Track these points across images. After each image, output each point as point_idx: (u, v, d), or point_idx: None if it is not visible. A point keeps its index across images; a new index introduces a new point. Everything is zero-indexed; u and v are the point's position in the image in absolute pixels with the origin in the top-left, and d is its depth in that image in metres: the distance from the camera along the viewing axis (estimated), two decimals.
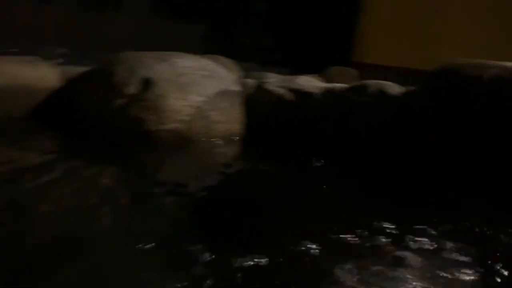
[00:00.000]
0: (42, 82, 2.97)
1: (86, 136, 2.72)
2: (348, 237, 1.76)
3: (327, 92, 2.76)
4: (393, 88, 2.73)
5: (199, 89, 2.84)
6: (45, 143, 2.67)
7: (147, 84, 2.76)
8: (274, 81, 2.94)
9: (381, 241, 1.75)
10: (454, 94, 2.49)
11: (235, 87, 2.98)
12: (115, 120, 2.74)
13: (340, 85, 2.78)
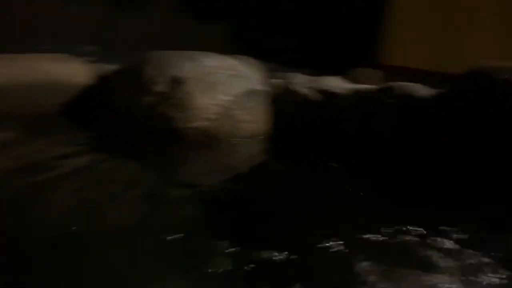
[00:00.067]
0: (73, 79, 3.05)
1: (115, 133, 2.78)
2: (371, 237, 1.75)
3: (354, 93, 2.76)
4: (421, 90, 2.71)
5: (226, 88, 2.87)
6: (74, 138, 2.73)
7: (175, 82, 2.80)
8: (300, 81, 2.95)
9: (405, 241, 1.74)
10: (484, 97, 2.46)
11: (261, 87, 3.00)
12: (143, 118, 2.79)
13: (367, 86, 2.78)
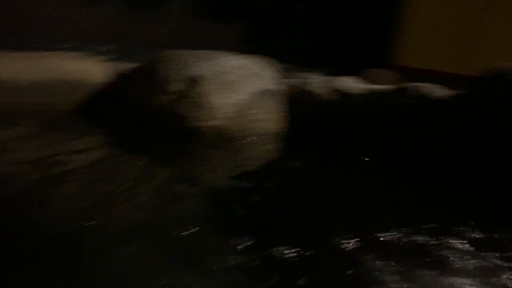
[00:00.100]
0: (89, 77, 3.08)
1: (130, 130, 2.80)
2: (386, 235, 1.75)
3: (369, 93, 2.76)
4: (438, 91, 2.70)
5: (241, 87, 2.88)
6: (90, 135, 2.77)
7: (191, 81, 2.82)
8: (315, 81, 2.95)
9: (420, 240, 1.74)
10: (502, 98, 2.45)
11: (277, 87, 3.01)
12: (159, 116, 2.81)
13: (383, 87, 2.77)
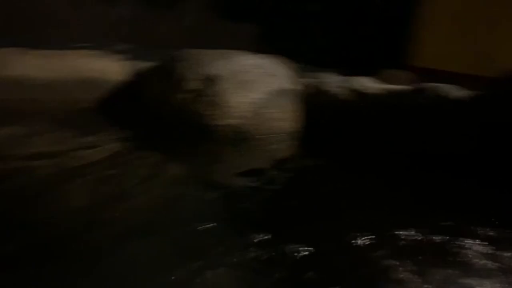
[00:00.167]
0: (108, 75, 3.12)
1: (147, 127, 2.83)
2: (403, 234, 1.75)
3: (386, 93, 2.74)
4: (455, 92, 2.68)
5: (258, 86, 2.89)
6: (108, 131, 2.77)
7: (208, 80, 2.83)
8: (332, 80, 2.95)
9: (438, 240, 1.73)
10: None
11: (293, 86, 3.01)
12: (176, 114, 2.83)
13: (401, 87, 2.76)
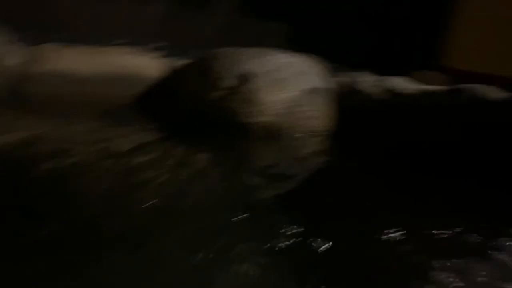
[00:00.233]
0: (146, 72, 3.19)
1: (182, 124, 2.89)
2: (440, 233, 1.74)
3: (422, 93, 2.72)
4: (492, 93, 2.63)
5: (291, 85, 2.91)
6: (146, 126, 2.83)
7: (243, 78, 2.88)
8: (367, 80, 2.95)
9: (474, 240, 1.72)
10: None
11: (326, 85, 3.02)
12: (210, 111, 2.89)
13: (437, 87, 2.73)
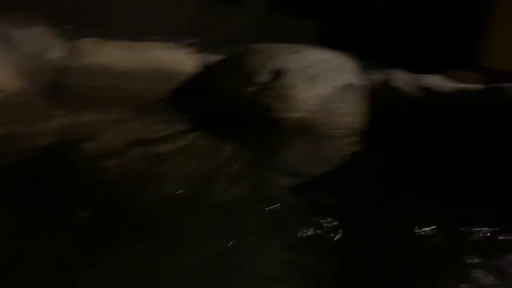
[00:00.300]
0: (182, 67, 3.25)
1: (217, 119, 2.94)
2: (477, 231, 1.74)
3: (458, 92, 2.69)
4: None
5: (325, 81, 2.93)
6: (180, 121, 2.89)
7: (277, 74, 2.90)
8: (401, 77, 2.93)
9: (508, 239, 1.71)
10: None
11: (360, 81, 3.02)
12: (244, 106, 2.92)
13: (473, 86, 2.70)
